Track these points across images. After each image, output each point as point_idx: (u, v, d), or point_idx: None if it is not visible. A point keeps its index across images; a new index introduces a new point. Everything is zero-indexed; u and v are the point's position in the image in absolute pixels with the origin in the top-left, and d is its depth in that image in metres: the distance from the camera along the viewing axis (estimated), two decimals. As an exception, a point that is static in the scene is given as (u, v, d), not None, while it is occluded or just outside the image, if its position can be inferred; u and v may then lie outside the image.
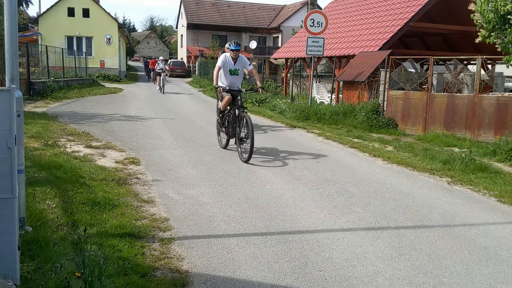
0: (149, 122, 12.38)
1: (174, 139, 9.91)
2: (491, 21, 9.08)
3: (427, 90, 12.24)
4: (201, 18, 48.73)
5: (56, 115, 12.68)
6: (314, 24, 14.34)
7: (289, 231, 4.75)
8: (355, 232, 4.80)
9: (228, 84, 8.47)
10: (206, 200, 5.66)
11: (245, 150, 7.86)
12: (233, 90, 8.35)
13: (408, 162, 8.29)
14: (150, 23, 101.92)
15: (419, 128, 12.22)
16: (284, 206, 5.57)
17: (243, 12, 51.06)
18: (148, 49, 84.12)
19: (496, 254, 4.37)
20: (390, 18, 17.14)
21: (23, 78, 16.98)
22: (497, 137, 10.42)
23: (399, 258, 4.18)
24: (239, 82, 8.65)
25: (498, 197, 6.33)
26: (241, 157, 7.93)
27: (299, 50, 20.64)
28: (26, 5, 53.26)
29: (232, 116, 8.27)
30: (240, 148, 8.07)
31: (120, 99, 19.64)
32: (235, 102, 8.25)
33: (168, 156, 8.09)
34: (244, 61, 8.59)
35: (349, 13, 20.99)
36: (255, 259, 4.03)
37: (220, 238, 4.49)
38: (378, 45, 15.72)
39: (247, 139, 7.82)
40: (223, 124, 8.73)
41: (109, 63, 35.05)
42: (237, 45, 8.38)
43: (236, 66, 8.47)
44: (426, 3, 16.17)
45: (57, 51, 24.11)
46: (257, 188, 6.31)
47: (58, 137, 9.20)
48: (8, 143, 2.81)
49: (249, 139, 7.71)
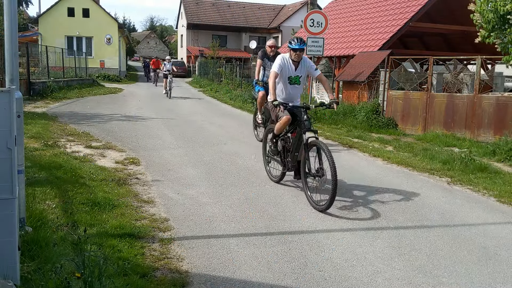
0: (149, 122, 12.38)
1: (174, 139, 9.91)
2: (491, 21, 9.08)
3: (427, 90, 12.25)
4: (201, 18, 48.71)
5: (56, 115, 12.68)
6: (314, 24, 14.33)
7: (289, 231, 4.76)
8: (355, 232, 4.81)
9: (285, 98, 6.19)
10: (206, 200, 5.67)
11: (316, 189, 5.60)
12: (297, 107, 6.00)
13: (408, 162, 8.30)
14: (150, 23, 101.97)
15: (419, 128, 12.22)
16: (284, 206, 5.57)
17: (243, 12, 51.04)
18: (148, 49, 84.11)
19: (495, 254, 4.37)
20: (390, 18, 17.15)
21: (23, 78, 16.98)
22: (496, 137, 10.42)
23: (398, 258, 4.19)
24: (299, 94, 6.42)
25: (498, 197, 6.34)
26: (313, 202, 5.53)
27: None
28: (26, 5, 53.22)
29: (295, 142, 5.99)
30: (308, 188, 5.71)
31: (120, 99, 19.64)
32: (298, 123, 5.94)
33: (168, 156, 8.09)
34: (309, 64, 6.22)
35: (349, 13, 20.99)
36: (255, 259, 4.04)
37: (220, 238, 4.50)
38: (378, 45, 15.73)
39: (321, 177, 5.44)
40: (278, 152, 6.41)
41: (109, 63, 35.05)
42: (301, 43, 5.90)
43: (298, 72, 6.14)
44: (425, 3, 16.18)
45: (57, 51, 24.12)
46: (257, 188, 6.31)
47: (58, 137, 9.20)
48: (8, 144, 2.82)
49: (324, 176, 5.42)
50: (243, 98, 19.46)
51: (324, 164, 5.38)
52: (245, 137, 10.49)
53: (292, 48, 5.93)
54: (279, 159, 6.37)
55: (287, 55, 6.11)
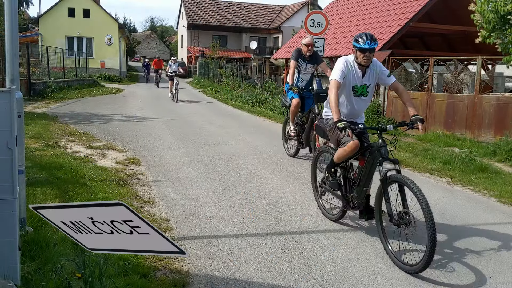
0: (149, 123, 12.38)
1: (174, 139, 9.91)
2: (491, 21, 9.08)
3: (427, 90, 12.24)
4: (202, 19, 48.76)
5: (57, 116, 12.69)
6: (315, 25, 14.32)
7: (289, 231, 4.76)
8: (356, 233, 4.80)
9: (347, 114, 4.72)
10: (206, 201, 5.67)
11: (401, 235, 4.09)
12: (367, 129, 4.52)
13: (408, 163, 8.29)
14: (150, 23, 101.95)
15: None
16: (285, 206, 5.57)
17: (243, 12, 51.09)
18: (148, 49, 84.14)
19: (496, 255, 4.37)
20: (390, 19, 17.14)
21: (24, 78, 16.99)
22: (497, 137, 10.42)
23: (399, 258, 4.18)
24: (366, 108, 4.94)
25: (498, 197, 6.33)
26: (399, 260, 3.98)
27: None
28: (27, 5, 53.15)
29: (364, 174, 4.48)
30: (386, 239, 4.19)
31: (121, 100, 19.65)
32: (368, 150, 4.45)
33: (168, 157, 8.09)
34: (379, 69, 4.68)
35: (350, 13, 20.99)
36: (255, 259, 4.04)
37: (220, 238, 4.50)
38: (379, 45, 15.71)
39: (407, 225, 3.97)
40: (338, 186, 4.82)
41: (109, 64, 35.06)
42: (372, 41, 4.36)
43: (367, 80, 4.63)
44: (426, 3, 16.17)
45: (58, 51, 24.13)
46: (257, 188, 6.31)
47: (58, 137, 9.20)
48: (8, 144, 2.82)
49: (411, 223, 3.93)
50: (243, 98, 19.47)
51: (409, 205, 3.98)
52: (246, 138, 10.49)
53: (360, 48, 4.40)
54: (339, 193, 4.83)
55: (350, 58, 4.60)
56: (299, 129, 7.89)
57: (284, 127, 8.57)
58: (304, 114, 7.75)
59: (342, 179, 4.85)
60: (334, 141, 4.75)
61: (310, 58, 7.81)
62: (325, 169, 5.01)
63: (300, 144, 7.89)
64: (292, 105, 7.74)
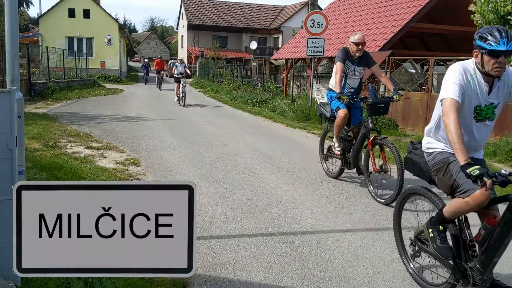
0: (149, 123, 12.39)
1: (174, 139, 9.91)
2: (491, 21, 9.09)
3: (428, 91, 12.25)
4: (202, 19, 48.78)
5: (57, 116, 12.70)
6: (315, 25, 14.35)
7: (289, 232, 4.76)
8: (355, 233, 4.81)
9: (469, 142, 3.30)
10: (206, 201, 5.67)
11: None
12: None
13: (408, 163, 8.28)
14: (150, 23, 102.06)
15: (420, 129, 12.21)
16: (285, 207, 5.58)
17: (243, 12, 51.11)
18: (148, 49, 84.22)
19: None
20: (390, 19, 17.15)
21: (24, 79, 17.01)
22: (497, 137, 10.41)
23: (399, 259, 4.17)
24: (487, 137, 3.56)
25: (499, 198, 6.32)
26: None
27: (299, 50, 20.64)
28: (27, 6, 53.20)
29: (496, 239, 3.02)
30: None
31: (121, 100, 19.66)
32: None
33: (168, 157, 8.09)
34: None
35: (350, 14, 21.00)
36: (255, 260, 4.04)
37: (220, 239, 4.50)
38: (378, 46, 15.72)
39: None
40: (451, 252, 3.38)
41: (109, 64, 35.08)
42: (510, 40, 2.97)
43: (494, 98, 3.28)
44: (426, 3, 16.18)
45: (58, 52, 24.15)
46: (257, 189, 6.32)
47: (58, 138, 9.21)
48: (9, 145, 2.82)
49: None
50: (243, 99, 19.48)
51: None
52: (246, 138, 10.50)
53: (492, 50, 3.03)
54: (451, 262, 3.37)
55: (470, 65, 3.23)
56: (345, 146, 6.65)
57: (322, 142, 7.36)
58: (351, 128, 6.58)
59: (454, 240, 3.38)
60: (446, 187, 3.35)
61: (359, 60, 6.43)
62: (427, 225, 3.55)
63: (346, 164, 6.62)
64: (338, 117, 6.44)
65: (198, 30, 48.59)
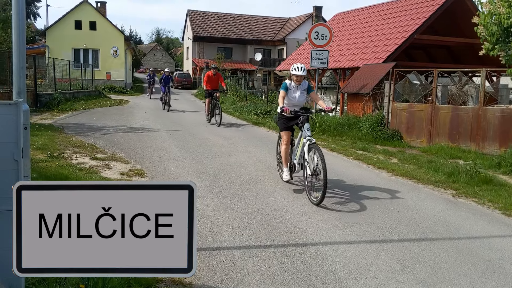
0: (154, 134, 12.44)
1: (178, 150, 9.94)
2: (495, 33, 9.11)
3: (432, 102, 12.25)
4: (207, 31, 49.13)
5: (62, 127, 12.78)
6: (319, 37, 14.43)
7: (292, 243, 4.76)
8: (359, 245, 4.80)
9: None
10: (210, 212, 5.68)
11: None
12: None
13: (412, 174, 8.28)
14: (156, 35, 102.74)
15: (424, 140, 12.21)
16: (288, 218, 5.58)
17: (248, 24, 51.44)
18: (154, 61, 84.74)
19: (500, 267, 4.35)
20: (394, 31, 17.23)
21: (30, 90, 17.16)
22: (502, 149, 10.39)
23: (402, 271, 4.17)
24: None
25: (503, 210, 6.31)
26: None
27: (303, 62, 20.72)
28: (34, 18, 53.83)
29: None
30: None
31: (126, 111, 19.75)
32: None
33: (172, 168, 8.12)
34: None
35: (354, 26, 21.10)
36: (258, 271, 4.04)
37: (223, 250, 4.50)
38: (383, 57, 15.79)
39: None
40: None
41: (115, 75, 35.32)
42: None
43: None
44: (429, 16, 16.27)
45: (64, 63, 24.35)
46: (261, 200, 6.32)
47: (64, 148, 9.26)
48: (15, 156, 2.85)
49: None
50: (248, 110, 19.55)
51: None
52: (250, 149, 10.51)
53: None
54: None
55: None
56: None
57: None
58: None
59: None
60: None
61: None
62: None
63: None
64: None
65: (203, 41, 48.93)
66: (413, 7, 17.98)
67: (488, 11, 9.21)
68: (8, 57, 14.83)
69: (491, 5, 9.15)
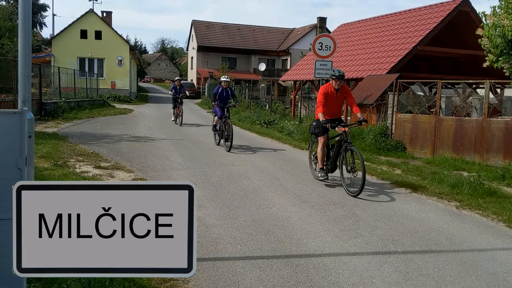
0: (158, 143, 12.46)
1: (182, 159, 9.95)
2: (499, 45, 9.13)
3: (436, 114, 12.24)
4: (211, 41, 49.40)
5: (66, 136, 12.82)
6: (323, 48, 14.48)
7: (295, 254, 4.73)
8: (362, 256, 4.77)
9: None
10: (212, 222, 5.67)
11: None
12: None
13: (416, 186, 8.25)
14: (161, 45, 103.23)
15: (428, 151, 12.17)
16: (291, 228, 5.56)
17: (252, 35, 51.71)
18: (158, 70, 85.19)
19: (504, 280, 4.31)
20: (398, 42, 17.27)
21: (35, 98, 17.26)
22: (506, 161, 10.34)
23: (406, 283, 4.14)
24: None
25: (507, 222, 6.26)
26: None
27: (307, 72, 20.79)
28: (40, 27, 54.27)
29: None
30: None
31: (130, 120, 19.82)
32: None
33: (176, 177, 8.12)
34: None
35: (358, 37, 21.17)
36: (260, 282, 4.02)
37: (226, 260, 4.48)
38: (387, 69, 15.81)
39: None
40: None
41: (119, 84, 35.49)
42: None
43: None
44: (433, 27, 16.31)
45: (69, 72, 24.50)
46: (263, 210, 6.31)
47: (67, 157, 9.29)
48: (18, 164, 2.86)
49: None
50: (251, 119, 19.58)
51: None
52: (253, 159, 10.51)
53: None
54: None
55: None
56: None
57: None
58: None
59: None
60: None
61: None
62: None
63: None
64: None
65: (208, 51, 49.18)
66: (417, 19, 18.04)
67: (492, 23, 9.24)
68: (14, 66, 14.94)
69: (495, 17, 9.18)
